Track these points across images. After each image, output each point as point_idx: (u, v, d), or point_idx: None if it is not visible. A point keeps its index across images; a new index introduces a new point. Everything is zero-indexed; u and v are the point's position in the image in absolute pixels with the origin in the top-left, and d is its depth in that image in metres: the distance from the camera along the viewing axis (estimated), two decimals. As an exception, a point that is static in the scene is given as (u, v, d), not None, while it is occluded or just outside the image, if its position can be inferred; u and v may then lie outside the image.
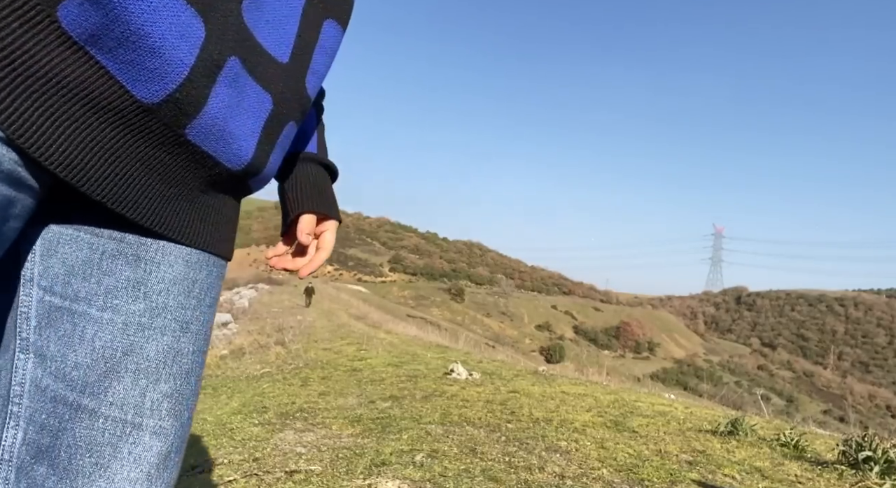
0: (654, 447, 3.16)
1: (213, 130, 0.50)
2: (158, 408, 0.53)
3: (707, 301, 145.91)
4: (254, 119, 0.54)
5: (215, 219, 0.58)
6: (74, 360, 0.50)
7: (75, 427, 0.50)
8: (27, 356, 0.51)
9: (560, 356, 57.90)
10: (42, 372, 0.50)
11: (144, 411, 0.53)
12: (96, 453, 0.51)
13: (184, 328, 0.55)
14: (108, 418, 0.51)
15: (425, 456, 2.85)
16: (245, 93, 0.52)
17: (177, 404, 0.55)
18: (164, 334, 0.53)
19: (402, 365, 6.17)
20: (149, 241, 0.53)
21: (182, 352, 0.55)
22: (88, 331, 0.50)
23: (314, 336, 10.39)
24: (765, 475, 2.76)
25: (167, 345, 0.53)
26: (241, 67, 0.50)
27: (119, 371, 0.51)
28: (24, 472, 0.50)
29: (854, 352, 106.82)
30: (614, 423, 3.65)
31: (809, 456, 3.07)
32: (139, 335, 0.52)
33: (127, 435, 0.52)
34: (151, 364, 0.53)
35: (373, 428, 3.47)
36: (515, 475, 2.63)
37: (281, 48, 0.55)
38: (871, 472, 2.67)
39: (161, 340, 0.53)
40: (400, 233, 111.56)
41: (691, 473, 2.74)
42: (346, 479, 2.52)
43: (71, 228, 0.50)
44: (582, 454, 2.99)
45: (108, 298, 0.51)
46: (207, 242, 0.57)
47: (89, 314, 0.50)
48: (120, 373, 0.51)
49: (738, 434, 3.41)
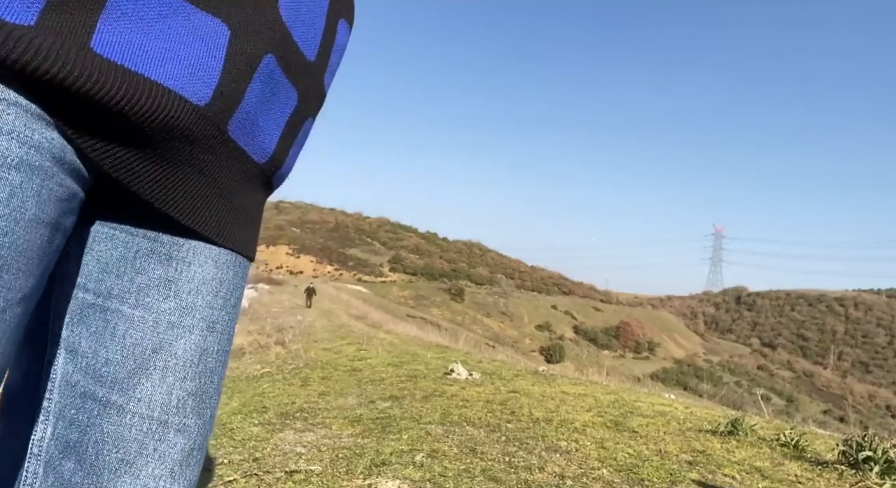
0: (654, 447, 3.16)
1: (247, 125, 0.51)
2: (183, 406, 0.54)
3: (707, 301, 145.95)
4: (280, 114, 0.55)
5: (244, 218, 0.58)
6: (105, 357, 0.51)
7: (103, 423, 0.51)
8: (59, 352, 0.51)
9: (560, 356, 57.90)
10: (73, 368, 0.51)
11: (170, 408, 0.53)
12: (123, 449, 0.51)
13: (210, 327, 0.55)
14: (135, 415, 0.51)
15: (425, 456, 2.85)
16: (277, 89, 0.53)
17: (201, 402, 0.56)
18: (191, 333, 0.54)
19: (402, 365, 6.17)
20: (181, 241, 0.54)
21: (208, 351, 0.55)
22: (120, 328, 0.51)
23: (314, 336, 10.39)
24: (765, 475, 2.76)
25: (195, 343, 0.54)
26: (275, 64, 0.52)
27: (148, 368, 0.52)
28: (52, 467, 0.51)
29: (854, 352, 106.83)
30: (614, 423, 3.65)
31: (809, 456, 3.07)
32: (168, 333, 0.52)
33: (153, 432, 0.52)
34: (179, 362, 0.53)
35: (373, 428, 3.47)
36: (515, 475, 2.63)
37: (311, 47, 0.57)
38: (871, 472, 2.68)
39: (189, 339, 0.54)
40: (400, 233, 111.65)
41: (691, 473, 2.74)
42: (346, 479, 2.52)
43: (107, 226, 0.51)
44: (582, 454, 2.99)
45: (139, 296, 0.52)
46: (238, 243, 0.58)
47: (121, 311, 0.51)
48: (149, 371, 0.52)
49: (738, 434, 3.41)
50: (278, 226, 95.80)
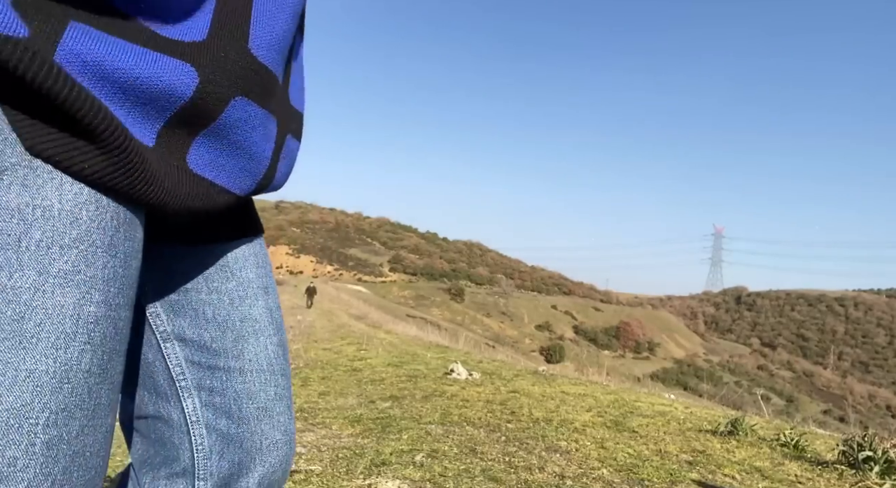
0: (654, 447, 3.16)
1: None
2: (277, 355, 0.68)
3: (707, 301, 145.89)
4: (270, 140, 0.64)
5: (252, 209, 0.71)
6: (209, 336, 0.64)
7: (234, 384, 0.64)
8: (172, 343, 0.63)
9: (560, 356, 57.89)
10: (190, 352, 0.63)
11: (272, 359, 0.67)
12: (255, 400, 0.65)
13: (266, 291, 0.69)
14: (252, 372, 0.65)
15: (425, 456, 2.85)
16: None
17: (284, 350, 0.71)
18: (257, 299, 0.67)
19: (402, 365, 6.18)
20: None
21: (272, 309, 0.69)
22: (208, 312, 0.64)
23: (314, 336, 10.39)
24: (765, 475, 2.76)
25: (262, 307, 0.68)
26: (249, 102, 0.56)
27: (244, 335, 0.65)
28: (211, 427, 0.64)
29: (854, 352, 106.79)
30: (614, 423, 3.65)
31: (809, 456, 3.07)
32: (244, 304, 0.66)
33: (269, 381, 0.67)
34: (259, 324, 0.67)
35: (373, 428, 3.47)
36: (515, 475, 2.63)
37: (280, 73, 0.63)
38: (871, 472, 2.68)
39: (258, 304, 0.67)
40: (400, 233, 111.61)
41: (691, 473, 2.74)
42: (346, 479, 2.52)
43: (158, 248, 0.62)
44: (582, 454, 2.99)
45: (208, 284, 0.64)
46: (260, 228, 0.72)
47: (201, 299, 0.63)
48: (245, 337, 0.65)
49: (738, 434, 3.41)
50: (278, 226, 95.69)
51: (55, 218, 0.39)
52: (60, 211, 0.39)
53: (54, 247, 0.39)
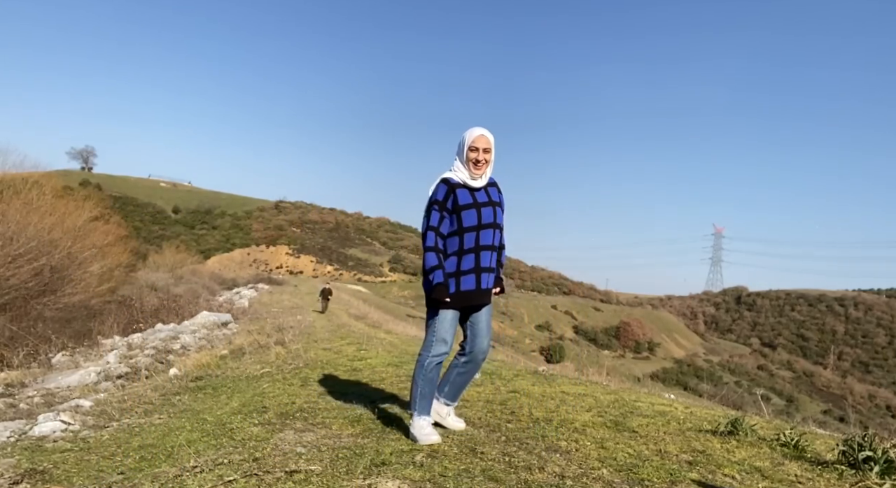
0: (654, 447, 3.16)
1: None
2: (489, 326, 3.32)
3: (707, 301, 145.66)
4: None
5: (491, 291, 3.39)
6: (479, 326, 3.28)
7: (481, 328, 3.29)
8: (469, 328, 3.32)
9: (560, 356, 57.85)
10: (476, 329, 3.29)
11: (489, 327, 3.34)
12: (480, 334, 3.30)
13: (488, 312, 3.31)
14: (486, 328, 3.31)
15: (425, 456, 2.85)
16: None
17: (490, 327, 3.34)
18: (485, 315, 3.30)
19: (402, 365, 6.17)
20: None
21: (489, 318, 3.33)
22: (478, 322, 3.29)
23: (314, 336, 10.39)
24: (765, 475, 2.76)
25: (485, 319, 3.29)
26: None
27: (482, 325, 3.29)
28: (473, 334, 3.31)
29: (854, 352, 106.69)
30: (614, 423, 3.65)
31: (809, 456, 3.07)
32: (484, 318, 3.28)
33: (488, 330, 3.32)
34: (484, 324, 3.30)
35: (373, 428, 3.47)
36: (515, 475, 2.63)
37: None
38: (871, 472, 2.68)
39: (486, 318, 3.30)
40: (400, 233, 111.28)
41: (691, 473, 2.74)
42: (346, 479, 2.52)
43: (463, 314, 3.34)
44: (582, 454, 2.99)
45: (476, 316, 3.28)
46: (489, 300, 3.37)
47: (477, 318, 3.28)
48: (482, 325, 3.29)
49: (738, 434, 3.41)
50: (278, 226, 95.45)
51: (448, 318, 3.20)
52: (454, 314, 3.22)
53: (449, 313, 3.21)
